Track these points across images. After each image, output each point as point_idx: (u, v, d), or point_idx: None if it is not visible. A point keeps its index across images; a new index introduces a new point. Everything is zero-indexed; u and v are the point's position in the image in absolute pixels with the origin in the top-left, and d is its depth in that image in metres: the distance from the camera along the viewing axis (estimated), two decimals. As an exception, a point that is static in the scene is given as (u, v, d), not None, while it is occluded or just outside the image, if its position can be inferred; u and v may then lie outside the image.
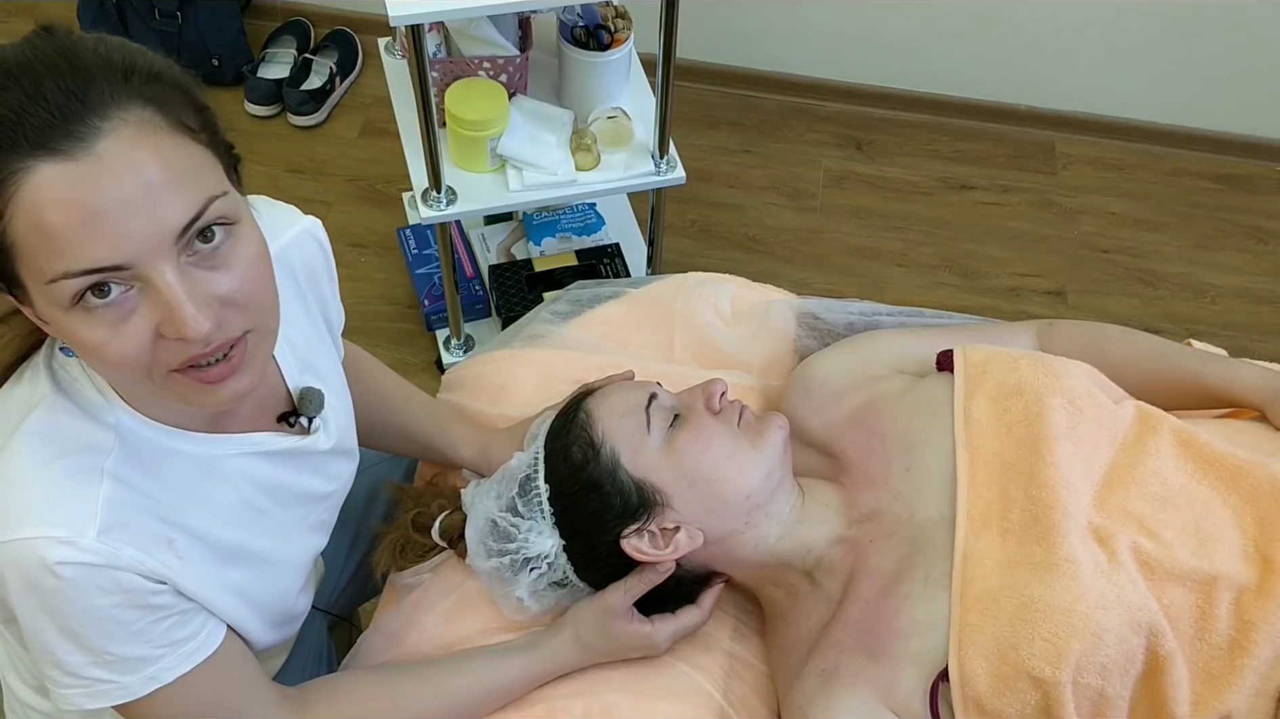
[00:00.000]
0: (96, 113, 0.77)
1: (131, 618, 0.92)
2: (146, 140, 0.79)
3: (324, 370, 1.13)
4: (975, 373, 1.18)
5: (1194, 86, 2.63)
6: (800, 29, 2.67)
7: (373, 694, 1.12)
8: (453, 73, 1.92)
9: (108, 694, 0.95)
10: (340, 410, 1.14)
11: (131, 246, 0.78)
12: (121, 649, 0.92)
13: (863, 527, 1.16)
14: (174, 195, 0.80)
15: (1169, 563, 1.06)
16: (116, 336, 0.81)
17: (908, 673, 1.05)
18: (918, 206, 2.63)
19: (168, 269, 0.80)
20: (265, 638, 1.09)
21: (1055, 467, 1.09)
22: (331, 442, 1.10)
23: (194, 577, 0.95)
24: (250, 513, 1.03)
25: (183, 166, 0.81)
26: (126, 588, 0.90)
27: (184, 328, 0.81)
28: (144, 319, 0.82)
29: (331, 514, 1.18)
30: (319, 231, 1.13)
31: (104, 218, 0.77)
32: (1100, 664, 1.00)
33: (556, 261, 2.25)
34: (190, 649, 0.97)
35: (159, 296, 0.81)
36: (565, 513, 1.16)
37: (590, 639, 1.16)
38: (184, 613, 0.96)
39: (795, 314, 1.44)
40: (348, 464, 1.17)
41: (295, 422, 1.07)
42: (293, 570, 1.11)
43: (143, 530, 0.91)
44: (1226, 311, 2.47)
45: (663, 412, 1.17)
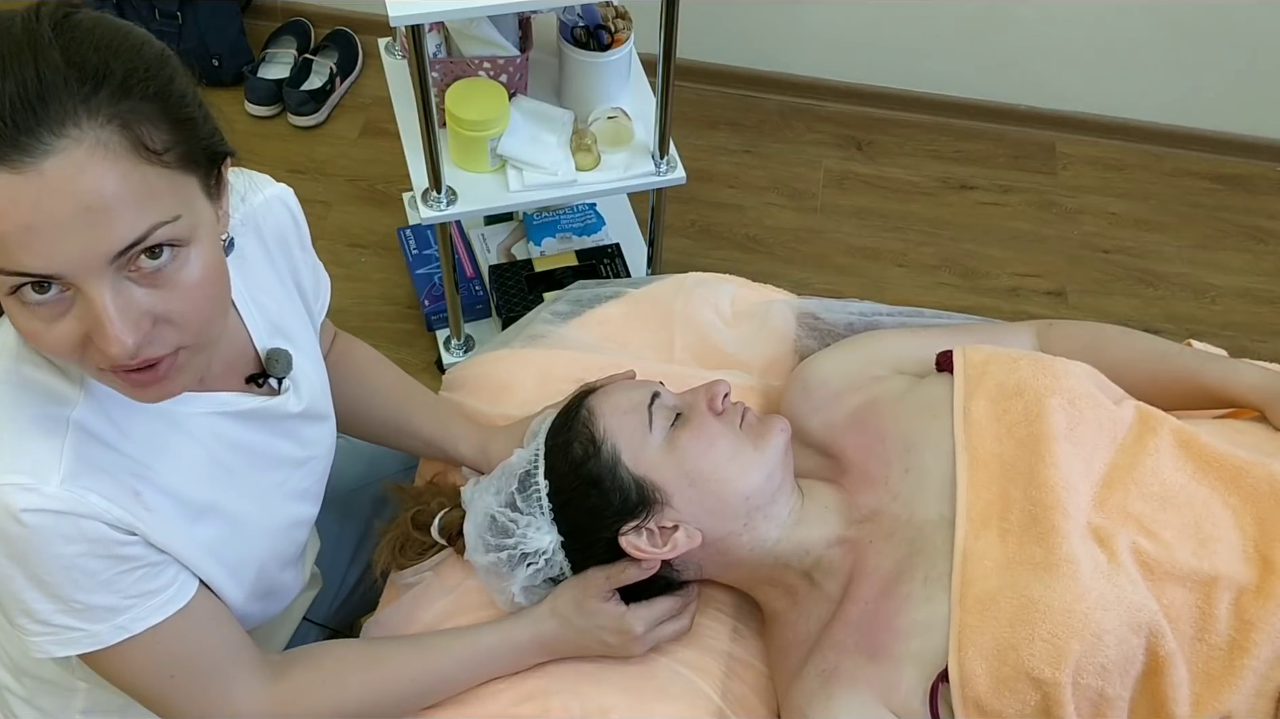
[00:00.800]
0: (50, 128, 0.75)
1: (99, 567, 0.92)
2: (97, 164, 0.76)
3: (295, 334, 1.12)
4: (975, 373, 1.18)
5: (1194, 87, 2.63)
6: (800, 29, 2.67)
7: (353, 654, 1.13)
8: (453, 73, 1.92)
9: (76, 642, 0.95)
10: (313, 375, 1.13)
11: (64, 263, 0.78)
12: (89, 598, 0.93)
13: (862, 527, 1.16)
14: (116, 221, 0.78)
15: (1169, 563, 1.06)
16: (49, 331, 0.82)
17: (907, 673, 1.05)
18: (918, 207, 2.63)
19: (103, 285, 0.80)
20: (245, 606, 1.09)
21: (1055, 467, 1.09)
22: (302, 404, 1.10)
23: (164, 529, 0.95)
24: (219, 471, 1.02)
25: (132, 192, 0.78)
26: (93, 537, 0.90)
27: (108, 344, 0.81)
28: (75, 321, 0.82)
29: (314, 483, 1.17)
30: (289, 198, 1.13)
31: (38, 234, 0.76)
32: (1100, 665, 1.00)
33: (557, 262, 2.25)
34: (161, 601, 0.97)
35: (90, 308, 0.80)
36: (564, 509, 1.16)
37: (565, 612, 1.15)
38: (154, 565, 0.96)
39: (795, 314, 1.44)
40: (323, 430, 1.17)
41: (264, 383, 1.07)
42: (269, 535, 1.10)
43: (109, 480, 0.91)
44: (1226, 312, 2.47)
45: (665, 410, 1.17)
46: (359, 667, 1.12)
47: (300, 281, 1.15)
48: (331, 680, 1.10)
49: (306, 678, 1.09)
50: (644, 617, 1.16)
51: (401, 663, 1.13)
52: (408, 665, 1.13)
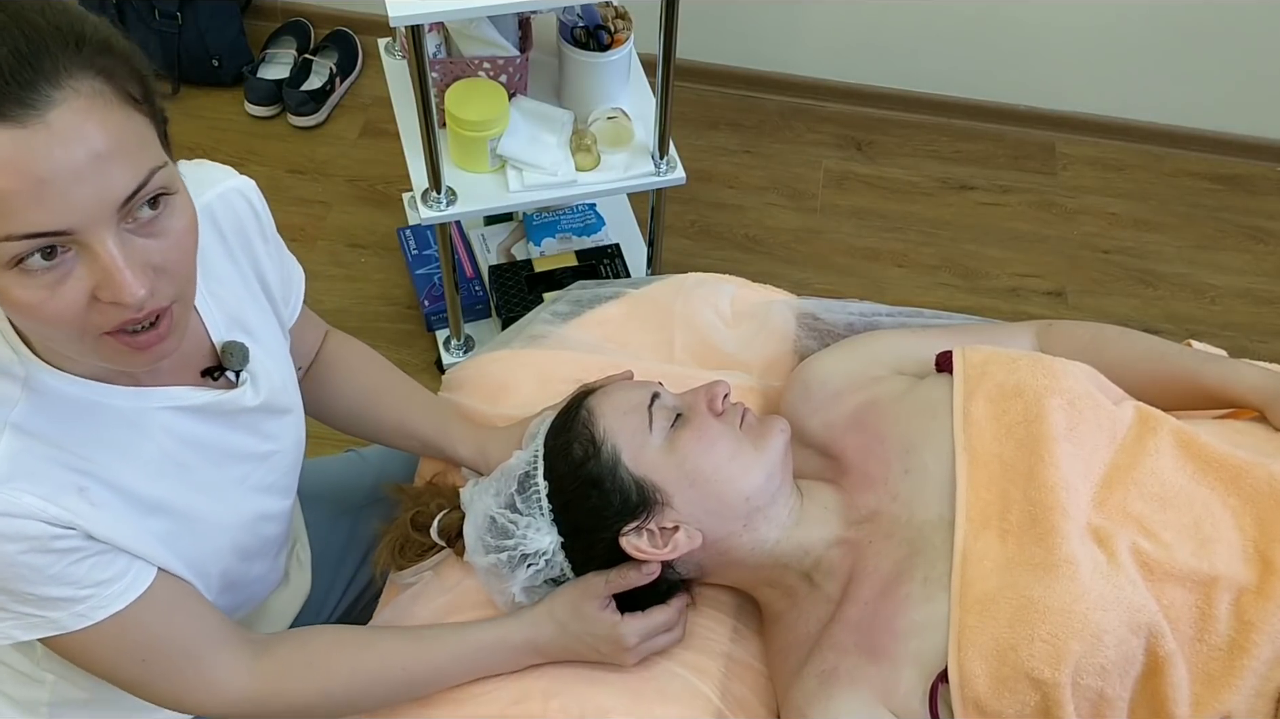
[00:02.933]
0: (49, 81, 0.78)
1: (43, 562, 0.92)
2: (96, 111, 0.80)
3: (255, 328, 1.12)
4: (974, 374, 1.18)
5: (1194, 87, 2.63)
6: (800, 29, 2.68)
7: (345, 639, 1.13)
8: (453, 73, 1.92)
9: (37, 627, 0.96)
10: (272, 368, 1.13)
11: (76, 215, 0.80)
12: (41, 590, 0.93)
13: (862, 528, 1.16)
14: (120, 166, 0.81)
15: (1168, 564, 1.05)
16: (53, 298, 0.82)
17: (907, 674, 1.05)
18: (918, 207, 2.63)
19: (109, 237, 0.82)
20: (219, 600, 1.09)
21: (1054, 468, 1.09)
22: (260, 397, 1.09)
23: (111, 523, 0.96)
24: (171, 467, 1.02)
25: (129, 138, 0.82)
26: (29, 534, 0.91)
27: (121, 293, 0.82)
28: (80, 281, 0.83)
29: (281, 476, 1.17)
30: (250, 191, 1.12)
31: (51, 186, 0.78)
32: (1099, 665, 1.00)
33: (556, 262, 2.25)
34: (118, 590, 0.97)
35: (97, 262, 0.82)
36: (564, 510, 1.16)
37: (561, 615, 1.15)
38: (101, 554, 0.96)
39: (795, 315, 1.44)
40: (287, 423, 1.16)
41: (219, 376, 1.07)
42: (226, 531, 1.10)
43: (48, 480, 0.92)
44: (1226, 312, 2.48)
45: (665, 411, 1.17)
46: (348, 650, 1.12)
47: (263, 275, 1.15)
48: (318, 662, 1.10)
49: (293, 658, 1.09)
50: (637, 629, 1.16)
51: (392, 650, 1.13)
52: (399, 654, 1.13)
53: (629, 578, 1.14)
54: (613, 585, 1.14)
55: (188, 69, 2.72)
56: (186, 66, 2.71)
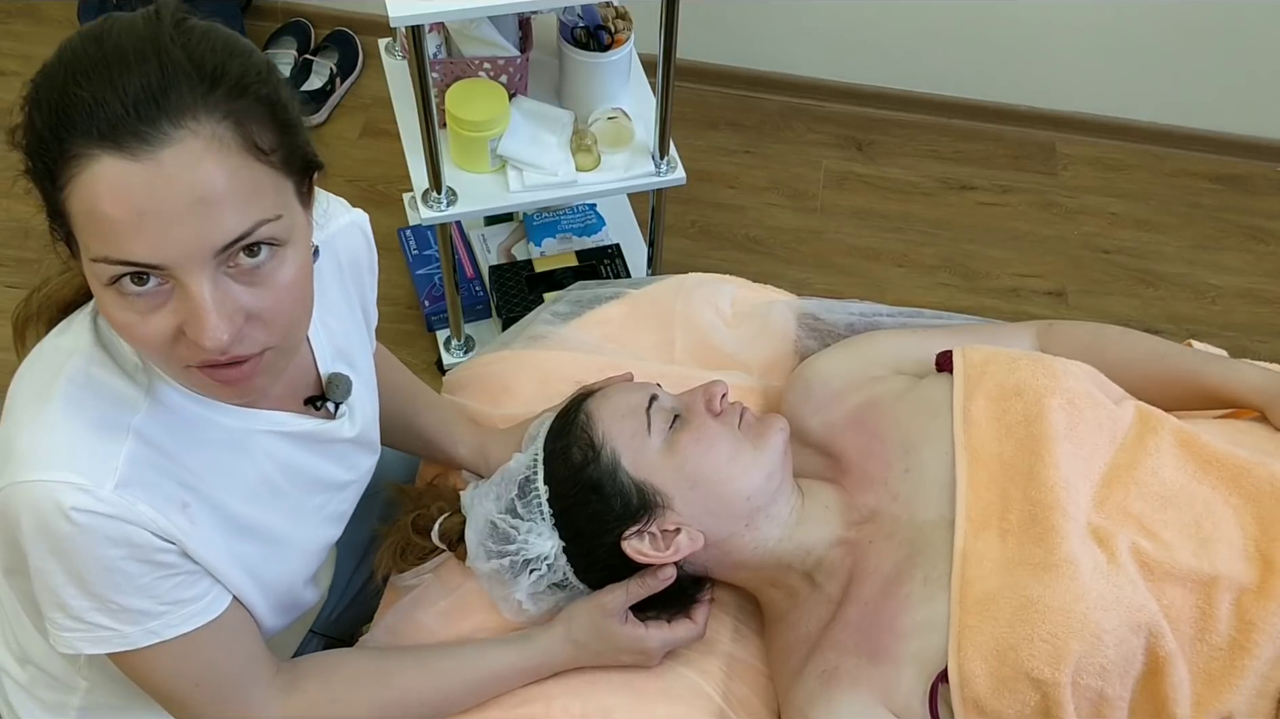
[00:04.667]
0: (170, 119, 0.78)
1: (137, 571, 0.93)
2: (212, 156, 0.80)
3: (357, 360, 1.14)
4: (974, 374, 1.18)
5: (1194, 87, 2.63)
6: (800, 29, 2.68)
7: (363, 672, 1.13)
8: (453, 73, 1.92)
9: (107, 641, 0.96)
10: (368, 402, 1.15)
11: (172, 252, 0.80)
12: (125, 599, 0.94)
13: (862, 528, 1.16)
14: (224, 214, 0.81)
15: (1169, 563, 1.06)
16: (143, 323, 0.84)
17: (907, 674, 1.05)
18: (918, 207, 2.63)
19: (203, 278, 0.82)
20: (268, 620, 1.10)
21: (1054, 467, 1.09)
22: (355, 430, 1.12)
23: (204, 543, 0.97)
24: (267, 491, 1.04)
25: (241, 187, 0.82)
26: (135, 542, 0.91)
27: (202, 335, 0.83)
28: (170, 314, 0.84)
29: (349, 506, 1.19)
30: (365, 225, 1.15)
31: (151, 220, 0.79)
32: (1100, 665, 1.00)
33: (557, 262, 2.25)
34: (194, 610, 0.98)
35: (188, 300, 0.82)
36: (565, 514, 1.16)
37: (582, 637, 1.16)
38: (190, 574, 0.97)
39: (795, 315, 1.44)
40: (369, 457, 1.19)
41: (321, 406, 1.09)
42: (303, 556, 1.12)
43: (159, 491, 0.93)
44: (1227, 312, 2.48)
45: (663, 413, 1.17)
46: (369, 686, 1.12)
47: (366, 307, 1.18)
48: (342, 699, 1.11)
49: (319, 695, 1.10)
50: (662, 639, 1.16)
51: (411, 685, 1.14)
52: (417, 688, 1.14)
53: (648, 585, 1.14)
54: (633, 597, 1.15)
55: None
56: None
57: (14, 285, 2.31)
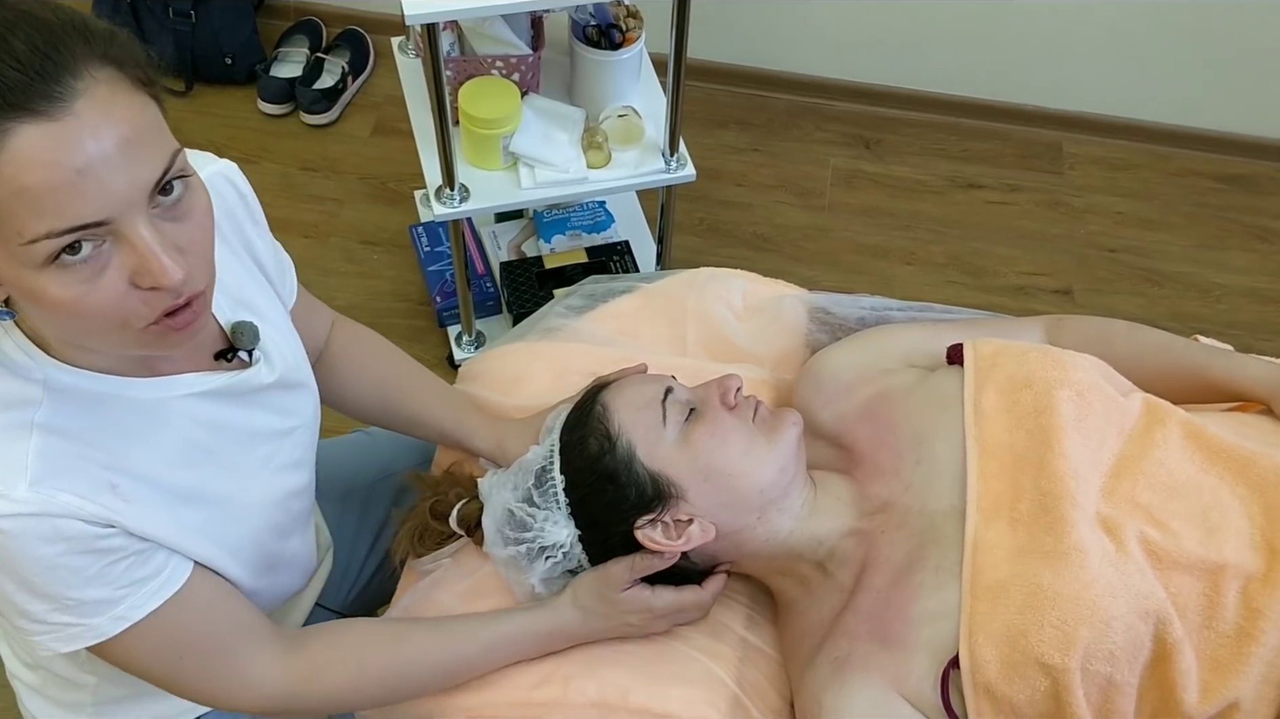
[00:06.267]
0: (70, 72, 0.78)
1: (82, 563, 0.92)
2: (118, 98, 0.81)
3: (260, 307, 1.13)
4: (985, 366, 1.20)
5: (1200, 87, 2.64)
6: (808, 29, 2.69)
7: (374, 634, 1.14)
8: (466, 71, 1.93)
9: (78, 637, 0.96)
10: (283, 345, 1.13)
11: (113, 203, 0.80)
12: (80, 593, 0.93)
13: (874, 518, 1.17)
14: (147, 151, 0.82)
15: (1176, 552, 1.07)
16: (93, 291, 0.83)
17: (920, 661, 1.06)
18: (926, 205, 2.64)
19: (140, 223, 0.82)
20: (251, 581, 1.10)
21: (1064, 458, 1.10)
22: (275, 374, 1.10)
23: (145, 519, 0.96)
24: (199, 454, 1.03)
25: (150, 123, 0.83)
26: (69, 534, 0.90)
27: (161, 277, 0.83)
28: (118, 271, 0.83)
29: (304, 452, 1.17)
30: (234, 174, 1.13)
31: (88, 176, 0.78)
32: (1108, 651, 1.01)
33: (567, 259, 2.26)
34: (154, 587, 0.98)
35: (134, 250, 0.83)
36: (581, 503, 1.17)
37: (588, 603, 1.17)
38: (140, 553, 0.96)
39: (807, 309, 1.45)
40: (305, 399, 1.17)
41: (233, 357, 1.08)
42: (260, 511, 1.10)
43: (81, 476, 0.92)
44: (1232, 311, 2.49)
45: (678, 405, 1.18)
46: (380, 646, 1.13)
47: (257, 256, 1.15)
48: (351, 658, 1.11)
49: (326, 655, 1.10)
50: (670, 600, 1.17)
51: (423, 646, 1.14)
52: (429, 649, 1.14)
53: (651, 563, 1.16)
54: (637, 571, 1.16)
55: (201, 67, 2.74)
56: (200, 65, 2.73)
57: None
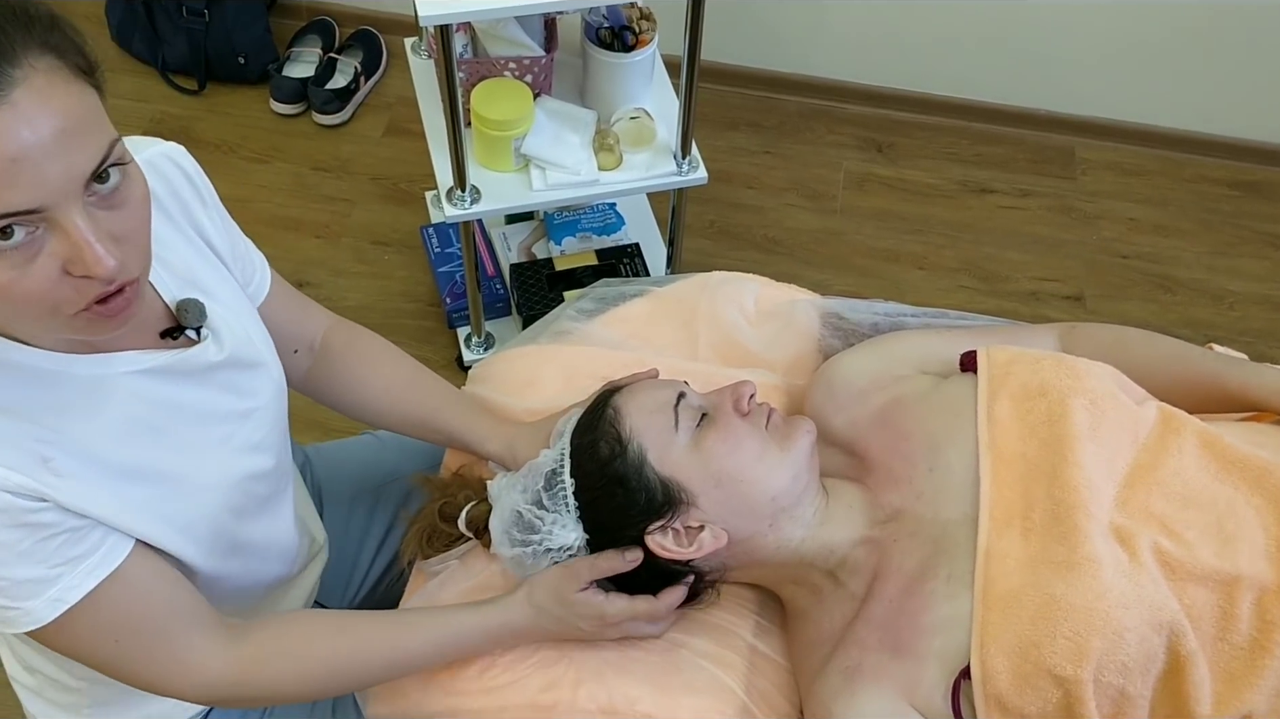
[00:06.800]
0: (8, 60, 0.79)
1: (13, 538, 0.91)
2: (56, 88, 0.81)
3: (210, 286, 1.11)
4: (999, 373, 1.19)
5: (1214, 93, 2.63)
6: (821, 31, 2.68)
7: (322, 625, 1.13)
8: (478, 73, 1.93)
9: (15, 621, 0.95)
10: (234, 323, 1.12)
11: (46, 192, 0.80)
12: (11, 572, 0.92)
13: (886, 527, 1.17)
14: (84, 141, 0.82)
15: (1190, 563, 1.06)
16: (24, 276, 0.83)
17: (930, 670, 1.06)
18: (938, 209, 2.64)
19: (76, 212, 0.83)
20: (213, 564, 1.08)
21: (1078, 467, 1.10)
22: (225, 352, 1.09)
23: (80, 494, 0.94)
24: (143, 431, 1.02)
25: (88, 112, 0.83)
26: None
27: (94, 266, 0.83)
28: (51, 258, 0.84)
29: (266, 433, 1.15)
30: (180, 156, 1.12)
31: (23, 165, 0.79)
32: (1121, 663, 1.01)
33: (577, 261, 2.26)
34: (90, 566, 0.96)
35: (68, 238, 0.83)
36: (590, 507, 1.17)
37: (541, 600, 1.15)
38: (74, 530, 0.95)
39: (820, 314, 1.45)
40: (262, 379, 1.15)
41: (179, 335, 1.07)
42: (213, 491, 1.08)
43: (10, 448, 0.91)
44: (1245, 318, 2.48)
45: (691, 410, 1.18)
46: (326, 637, 1.12)
47: (208, 238, 1.14)
48: (296, 649, 1.10)
49: (271, 645, 1.09)
50: (621, 609, 1.16)
51: (370, 636, 1.13)
52: (376, 639, 1.13)
53: (614, 564, 1.15)
54: (598, 570, 1.15)
55: (214, 66, 2.74)
56: (213, 64, 2.73)
57: None
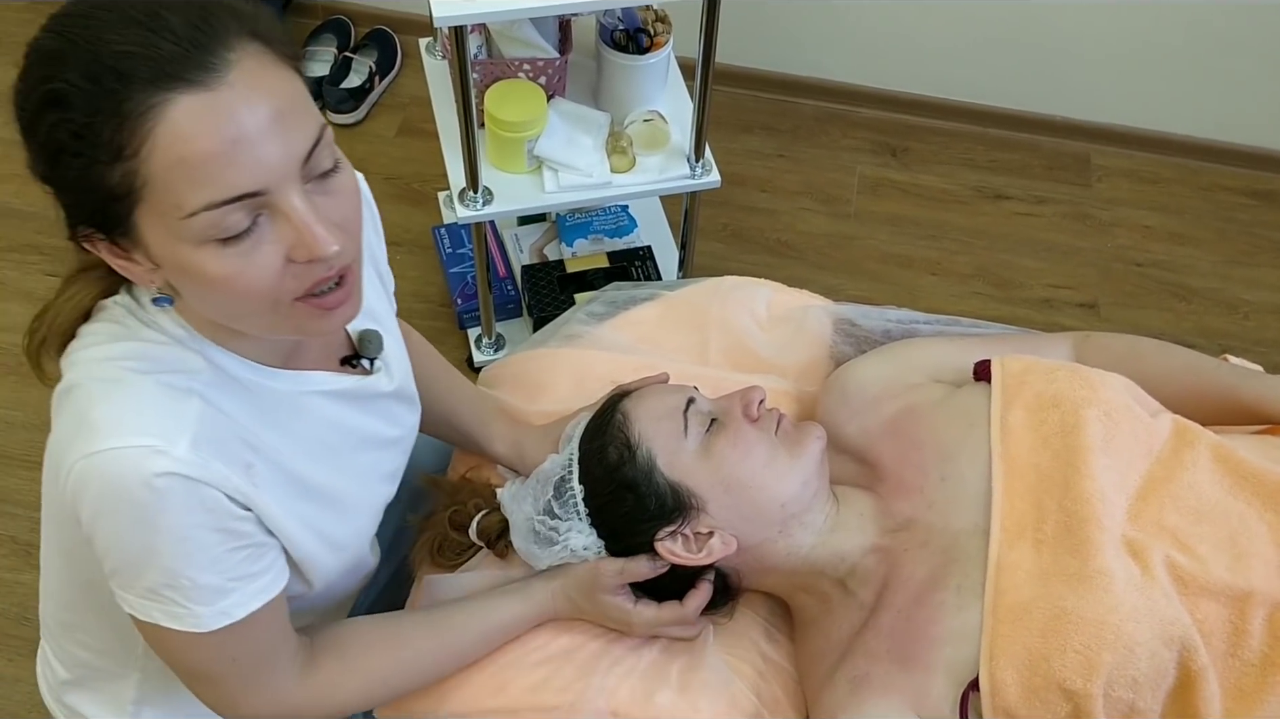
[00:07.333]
0: (223, 43, 0.81)
1: (212, 541, 0.93)
2: (268, 70, 0.83)
3: (381, 317, 1.16)
4: (1013, 383, 1.18)
5: (1230, 101, 2.61)
6: (837, 35, 2.68)
7: (376, 640, 1.15)
8: (493, 74, 1.93)
9: (181, 618, 0.95)
10: (399, 356, 1.17)
11: (267, 173, 0.82)
12: (196, 575, 0.93)
13: (897, 536, 1.16)
14: (297, 121, 0.84)
15: (1203, 578, 1.05)
16: (249, 266, 0.85)
17: (939, 682, 1.05)
18: (952, 215, 2.63)
19: (295, 194, 0.84)
20: (341, 582, 1.12)
21: (1090, 479, 1.09)
22: (393, 384, 1.13)
23: (269, 505, 0.97)
24: (324, 450, 1.05)
25: (298, 95, 0.86)
26: (210, 506, 0.91)
27: (316, 248, 0.85)
28: (274, 246, 0.85)
29: (399, 463, 1.20)
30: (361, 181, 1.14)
31: (244, 144, 0.81)
32: (1131, 678, 1.00)
33: (588, 263, 2.26)
34: (260, 586, 0.98)
35: (289, 223, 0.84)
36: (600, 512, 1.17)
37: (575, 596, 1.19)
38: (258, 546, 0.97)
39: (832, 320, 1.44)
40: (411, 412, 1.20)
41: (357, 363, 1.11)
42: (365, 515, 1.14)
43: (228, 451, 0.93)
44: (1260, 328, 2.46)
45: (700, 416, 1.17)
46: (384, 653, 1.14)
47: (379, 266, 1.18)
48: (359, 668, 1.13)
49: (337, 667, 1.11)
50: (648, 618, 1.18)
51: (422, 646, 1.16)
52: (429, 649, 1.16)
53: (639, 570, 1.16)
54: (626, 576, 1.16)
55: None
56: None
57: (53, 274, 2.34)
